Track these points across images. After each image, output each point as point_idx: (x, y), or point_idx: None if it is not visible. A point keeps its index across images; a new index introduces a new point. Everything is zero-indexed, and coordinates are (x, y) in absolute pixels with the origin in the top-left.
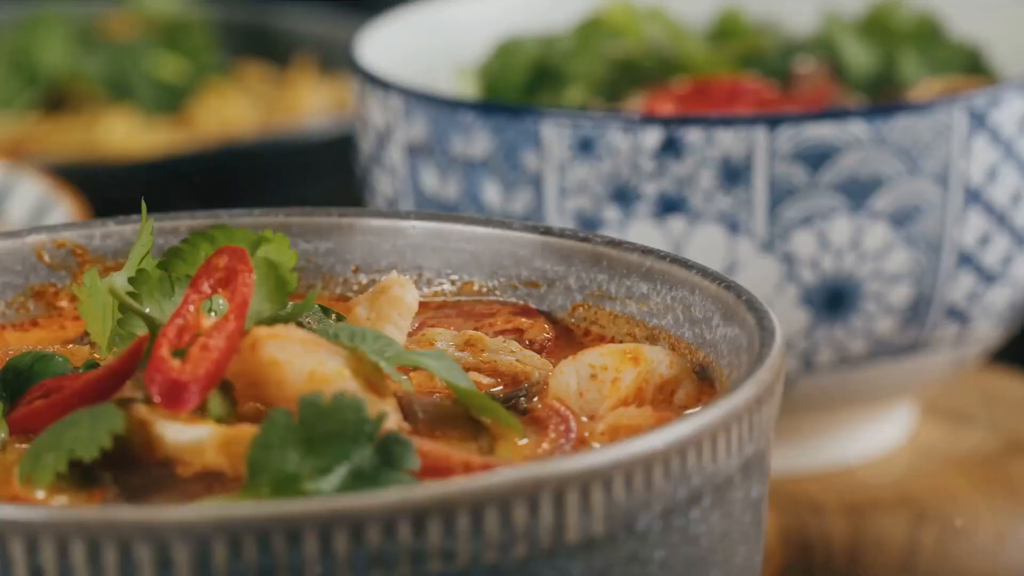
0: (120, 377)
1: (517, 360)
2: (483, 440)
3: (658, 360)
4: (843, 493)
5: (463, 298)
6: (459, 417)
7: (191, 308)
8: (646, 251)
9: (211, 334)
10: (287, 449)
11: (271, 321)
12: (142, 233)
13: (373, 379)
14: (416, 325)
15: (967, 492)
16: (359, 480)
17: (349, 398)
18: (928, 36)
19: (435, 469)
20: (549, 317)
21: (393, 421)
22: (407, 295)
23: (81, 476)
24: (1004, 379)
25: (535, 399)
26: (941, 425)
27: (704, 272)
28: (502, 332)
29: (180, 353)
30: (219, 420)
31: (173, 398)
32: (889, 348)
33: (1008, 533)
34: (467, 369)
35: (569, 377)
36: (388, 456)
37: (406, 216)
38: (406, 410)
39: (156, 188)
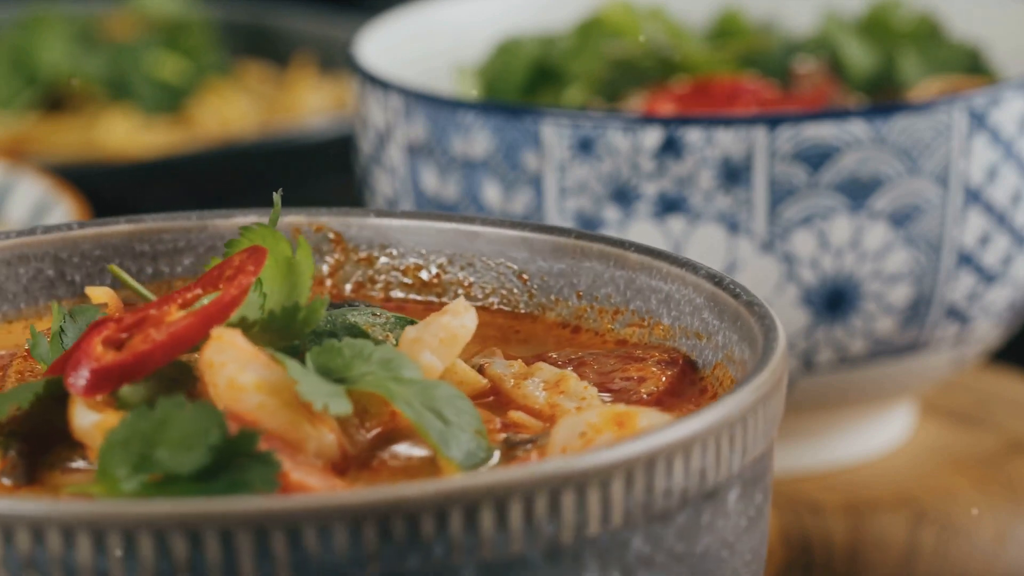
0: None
1: (575, 408)
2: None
3: (650, 424)
4: (843, 493)
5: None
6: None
7: (172, 302)
8: (648, 251)
9: (160, 328)
10: (130, 447)
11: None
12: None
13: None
14: (533, 356)
15: (967, 492)
16: (192, 488)
17: (196, 408)
18: (928, 36)
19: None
20: (693, 367)
21: (315, 443)
22: (454, 323)
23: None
24: (1004, 379)
25: (534, 451)
26: (941, 425)
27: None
28: (624, 378)
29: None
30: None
31: (79, 382)
32: (889, 348)
33: (1008, 533)
34: (515, 408)
35: (561, 433)
36: (243, 472)
37: (648, 253)
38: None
39: (156, 188)
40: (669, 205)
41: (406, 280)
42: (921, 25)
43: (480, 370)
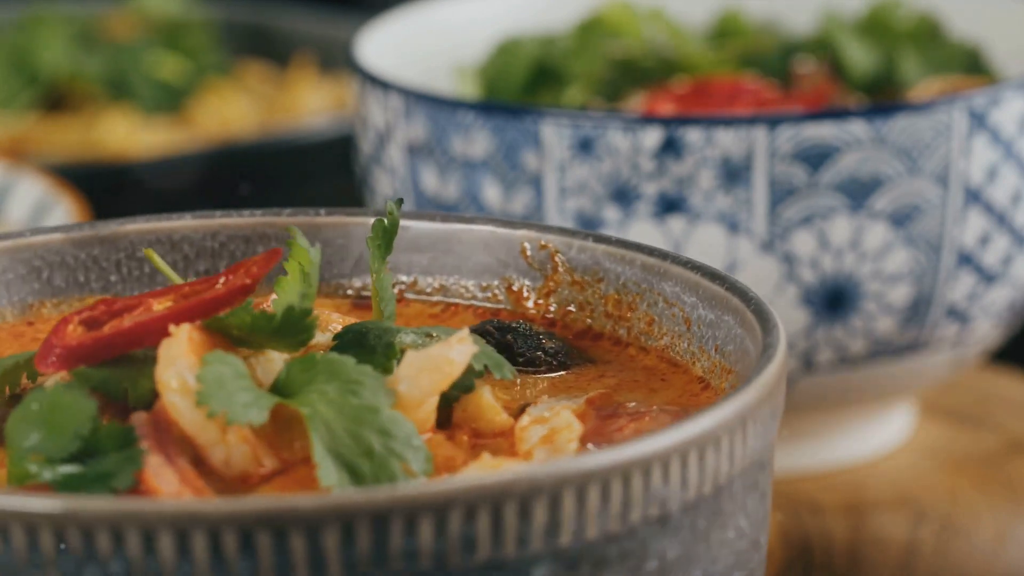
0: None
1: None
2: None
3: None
4: (843, 493)
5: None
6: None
7: (171, 294)
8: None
9: (132, 315)
10: (24, 427)
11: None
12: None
13: None
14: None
15: (967, 492)
16: (61, 474)
17: (74, 397)
18: (928, 36)
19: (146, 492)
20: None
21: (221, 452)
22: (438, 354)
23: None
24: (1004, 379)
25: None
26: (941, 425)
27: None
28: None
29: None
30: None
31: (43, 356)
32: (889, 348)
33: (1008, 533)
34: (511, 453)
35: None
36: (106, 465)
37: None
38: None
39: (156, 188)
40: (669, 205)
41: (608, 310)
42: (921, 25)
43: (523, 411)
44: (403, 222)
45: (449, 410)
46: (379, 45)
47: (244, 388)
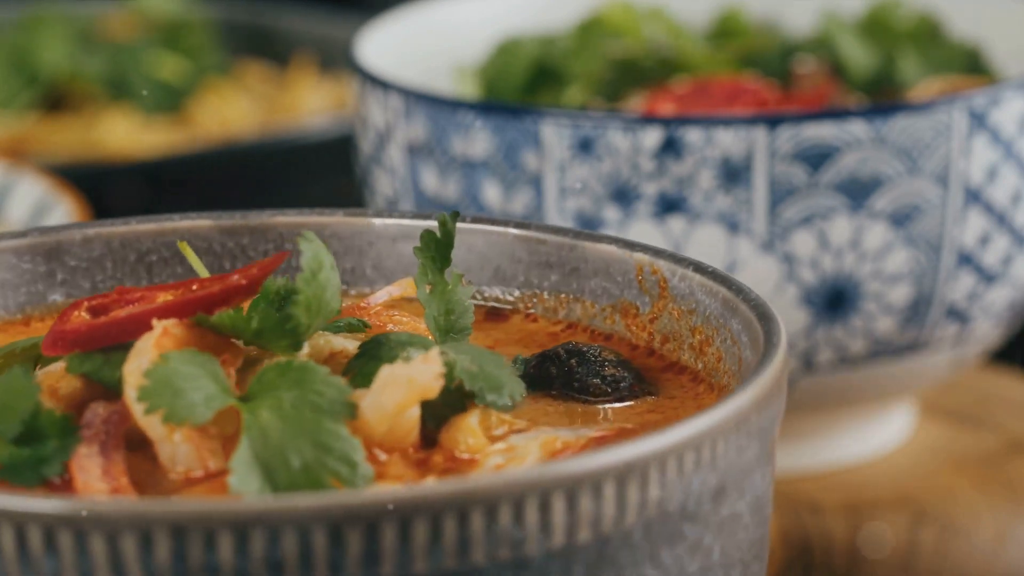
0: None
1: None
2: None
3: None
4: (843, 493)
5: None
6: None
7: (180, 288)
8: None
9: (131, 307)
10: None
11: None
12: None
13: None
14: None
15: (967, 492)
16: (10, 462)
17: (21, 381)
18: (928, 36)
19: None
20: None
21: (168, 449)
22: (401, 372)
23: None
24: (1004, 379)
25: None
26: (941, 425)
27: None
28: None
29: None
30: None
31: (46, 341)
32: (889, 348)
33: (1008, 533)
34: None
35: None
36: (41, 451)
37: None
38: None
39: (156, 188)
40: (669, 205)
41: (693, 343)
42: (921, 25)
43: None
44: (539, 235)
45: (438, 429)
46: (379, 45)
47: (198, 388)
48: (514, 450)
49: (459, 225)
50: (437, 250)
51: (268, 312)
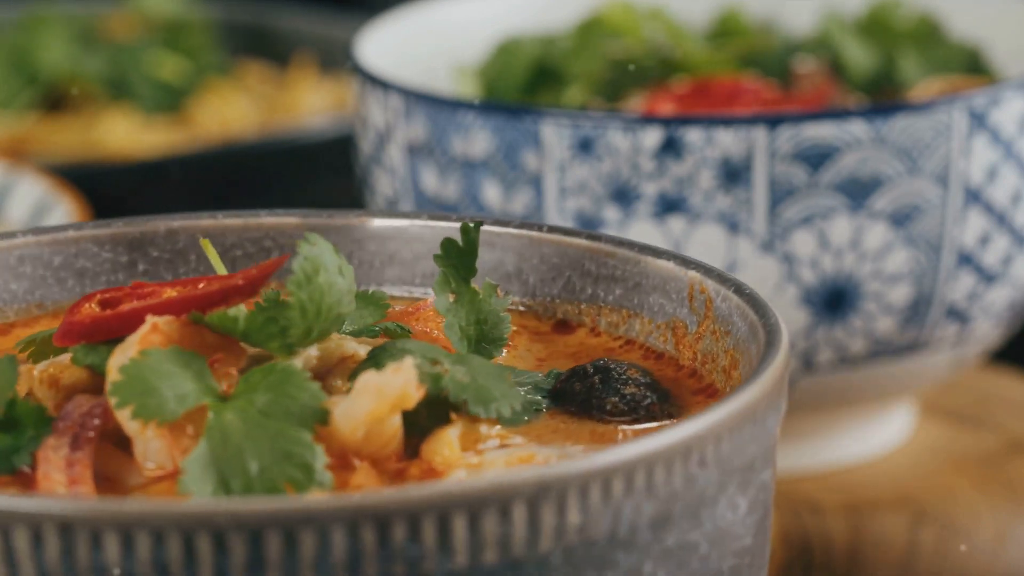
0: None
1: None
2: None
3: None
4: (843, 493)
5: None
6: None
7: (188, 284)
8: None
9: (135, 302)
10: None
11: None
12: None
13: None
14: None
15: (967, 492)
16: None
17: (3, 367)
18: (928, 36)
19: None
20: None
21: (141, 445)
22: (373, 380)
23: None
24: (1004, 379)
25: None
26: (941, 425)
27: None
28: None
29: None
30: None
31: (58, 331)
32: (889, 348)
33: (1008, 533)
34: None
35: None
36: (18, 439)
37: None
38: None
39: (156, 188)
40: (669, 205)
41: (725, 366)
42: (921, 25)
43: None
44: (607, 247)
45: (423, 440)
46: (379, 45)
47: (172, 386)
48: (481, 465)
49: (530, 234)
50: (460, 258)
51: (252, 314)
